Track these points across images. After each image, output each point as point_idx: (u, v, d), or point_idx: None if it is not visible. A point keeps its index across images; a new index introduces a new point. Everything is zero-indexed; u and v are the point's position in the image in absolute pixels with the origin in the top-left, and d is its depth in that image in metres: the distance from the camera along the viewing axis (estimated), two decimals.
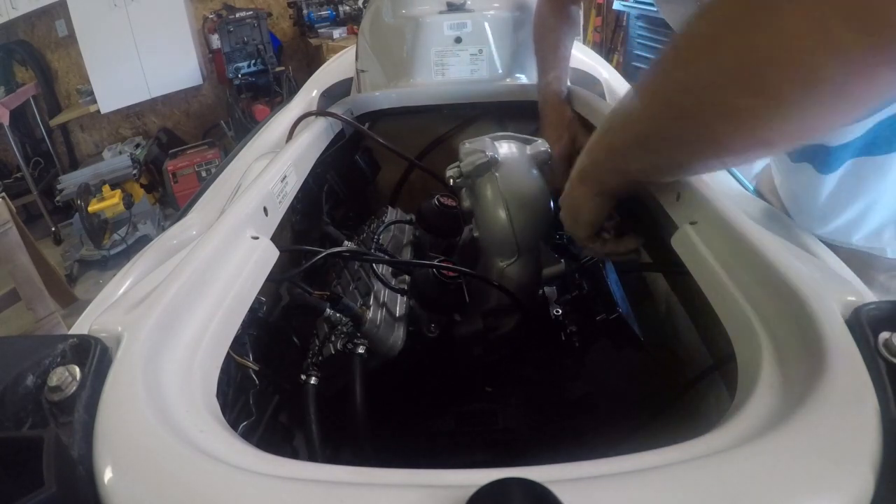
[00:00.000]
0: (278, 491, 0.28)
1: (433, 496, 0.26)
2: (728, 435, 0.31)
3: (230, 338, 0.46)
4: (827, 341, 0.34)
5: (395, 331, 0.65)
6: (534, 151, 0.74)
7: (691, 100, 0.41)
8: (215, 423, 0.34)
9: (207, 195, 0.90)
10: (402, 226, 0.86)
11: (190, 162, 3.50)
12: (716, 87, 0.39)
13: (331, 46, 3.55)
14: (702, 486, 0.27)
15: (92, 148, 4.18)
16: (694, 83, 0.41)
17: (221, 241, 0.52)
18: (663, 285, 0.80)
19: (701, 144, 0.44)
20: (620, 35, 3.98)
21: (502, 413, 0.70)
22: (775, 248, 0.43)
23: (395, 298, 0.69)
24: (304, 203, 0.87)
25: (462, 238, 0.86)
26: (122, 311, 0.41)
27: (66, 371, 0.33)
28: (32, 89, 3.78)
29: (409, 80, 1.15)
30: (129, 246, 3.07)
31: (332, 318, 0.62)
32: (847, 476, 0.27)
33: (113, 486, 0.29)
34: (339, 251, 0.71)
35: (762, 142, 0.41)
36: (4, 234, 2.06)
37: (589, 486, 0.27)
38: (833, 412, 0.30)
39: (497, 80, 1.15)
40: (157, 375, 0.36)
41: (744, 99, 0.37)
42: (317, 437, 0.53)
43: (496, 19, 1.14)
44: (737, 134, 0.41)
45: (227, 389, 0.54)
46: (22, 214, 3.36)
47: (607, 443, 0.63)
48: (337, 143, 0.96)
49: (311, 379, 0.58)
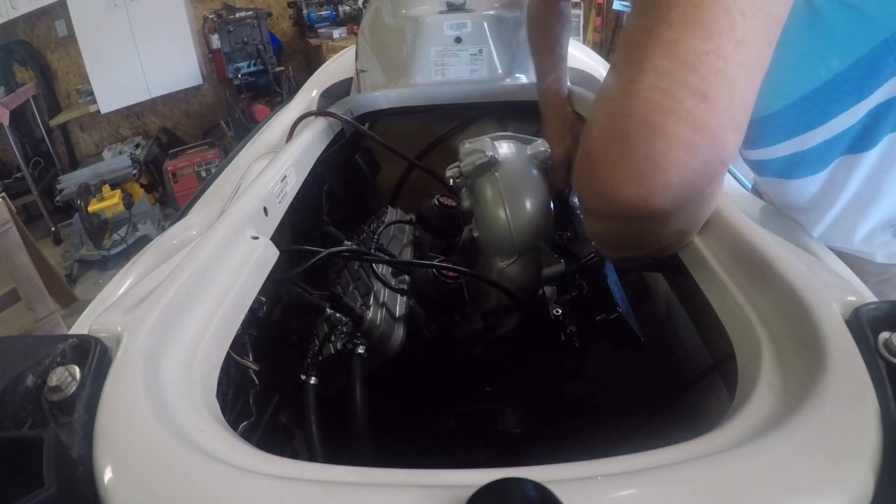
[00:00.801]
0: (278, 491, 0.28)
1: (433, 496, 0.26)
2: (728, 435, 0.31)
3: (230, 338, 0.46)
4: (827, 341, 0.34)
5: (394, 331, 0.65)
6: (534, 151, 0.74)
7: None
8: (215, 423, 0.34)
9: (207, 195, 0.90)
10: (402, 226, 0.86)
11: (190, 162, 3.50)
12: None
13: (331, 46, 3.55)
14: (702, 486, 0.27)
15: (92, 148, 4.17)
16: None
17: (221, 242, 0.52)
18: (663, 285, 0.80)
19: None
20: (620, 35, 3.98)
21: (502, 413, 0.70)
22: (775, 248, 0.43)
23: (395, 298, 0.69)
24: (304, 203, 0.87)
25: (462, 238, 0.86)
26: (122, 311, 0.41)
27: (66, 371, 0.33)
28: (32, 89, 3.78)
29: (409, 80, 1.15)
30: (129, 246, 3.07)
31: (332, 318, 0.62)
32: (847, 476, 0.27)
33: (113, 486, 0.29)
34: (339, 251, 0.71)
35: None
36: (4, 234, 2.06)
37: (589, 486, 0.27)
38: (833, 412, 0.30)
39: (497, 80, 1.15)
40: (157, 375, 0.36)
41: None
42: (317, 437, 0.53)
43: (496, 19, 1.14)
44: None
45: (227, 389, 0.53)
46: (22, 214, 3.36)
47: (607, 443, 0.62)
48: (337, 143, 0.96)
49: (311, 379, 0.58)
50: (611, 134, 0.41)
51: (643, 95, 0.38)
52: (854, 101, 0.57)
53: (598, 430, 0.69)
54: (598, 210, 0.47)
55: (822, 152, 0.62)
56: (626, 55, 0.41)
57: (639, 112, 0.38)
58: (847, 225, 0.65)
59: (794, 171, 0.65)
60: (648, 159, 0.38)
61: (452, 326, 0.71)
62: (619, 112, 0.40)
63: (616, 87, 0.41)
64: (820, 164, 0.63)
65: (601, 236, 0.53)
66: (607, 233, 0.51)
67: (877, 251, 0.66)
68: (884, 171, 0.60)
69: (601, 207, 0.45)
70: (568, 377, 0.75)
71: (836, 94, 0.57)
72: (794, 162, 0.64)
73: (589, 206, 0.48)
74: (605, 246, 0.57)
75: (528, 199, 0.70)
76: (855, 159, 0.61)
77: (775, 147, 0.65)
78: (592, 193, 0.44)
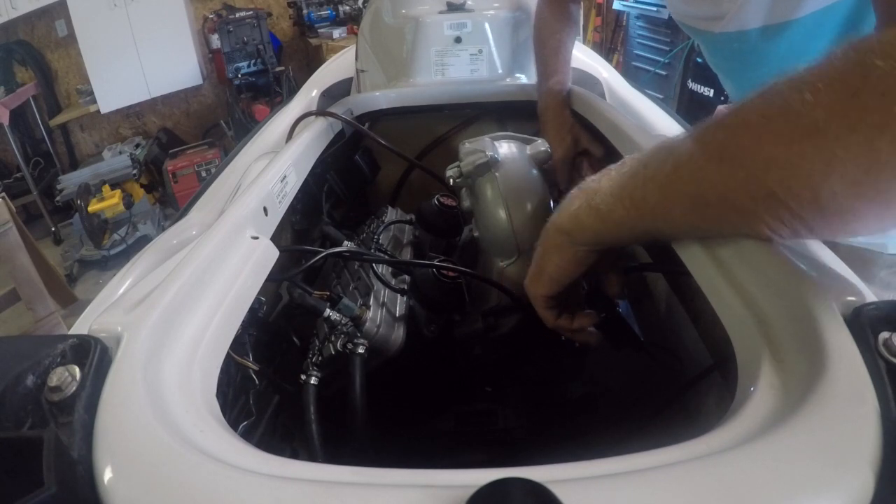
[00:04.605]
0: (278, 491, 0.28)
1: (433, 496, 0.26)
2: (728, 435, 0.31)
3: (230, 338, 0.46)
4: (827, 341, 0.34)
5: (395, 331, 0.65)
6: (534, 151, 0.74)
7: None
8: (215, 423, 0.34)
9: (207, 195, 0.90)
10: (402, 226, 0.86)
11: (190, 162, 3.50)
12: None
13: (331, 46, 3.55)
14: (702, 486, 0.27)
15: (92, 148, 4.18)
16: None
17: (221, 242, 0.52)
18: (663, 285, 0.80)
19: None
20: (620, 35, 3.98)
21: (502, 413, 0.70)
22: (775, 248, 0.43)
23: (395, 298, 0.69)
24: (304, 203, 0.87)
25: (462, 238, 0.86)
26: (122, 311, 0.41)
27: (66, 371, 0.33)
28: (32, 89, 3.78)
29: (409, 79, 1.15)
30: (129, 246, 3.07)
31: (332, 319, 0.62)
32: (847, 476, 0.27)
33: (113, 486, 0.28)
34: (339, 251, 0.71)
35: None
36: (4, 234, 2.06)
37: (589, 486, 0.27)
38: (833, 412, 0.30)
39: (497, 80, 1.15)
40: (157, 375, 0.36)
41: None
42: (317, 437, 0.53)
43: (496, 19, 1.14)
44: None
45: (227, 389, 0.53)
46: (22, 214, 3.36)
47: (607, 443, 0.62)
48: (337, 143, 0.96)
49: (311, 379, 0.58)
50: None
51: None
52: None
53: (598, 430, 0.69)
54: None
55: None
56: None
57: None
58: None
59: None
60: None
61: (452, 326, 0.71)
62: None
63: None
64: None
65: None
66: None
67: (889, 242, 0.65)
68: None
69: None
70: (568, 377, 0.75)
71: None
72: None
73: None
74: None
75: (529, 199, 0.70)
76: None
77: None
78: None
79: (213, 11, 3.98)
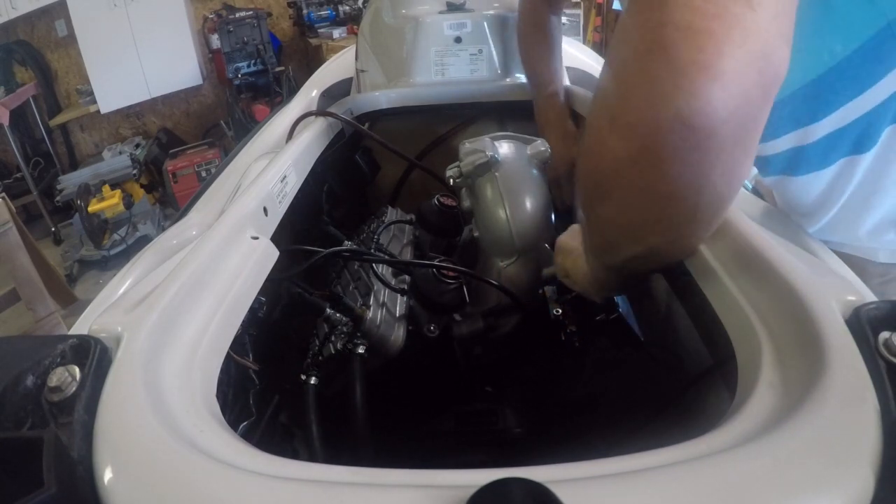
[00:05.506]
0: (278, 491, 0.28)
1: (433, 496, 0.26)
2: (728, 435, 0.31)
3: (230, 338, 0.46)
4: (827, 341, 0.34)
5: (395, 331, 0.65)
6: (534, 151, 0.74)
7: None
8: (215, 423, 0.34)
9: (207, 195, 0.90)
10: (402, 226, 0.86)
11: (190, 162, 3.50)
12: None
13: (331, 46, 3.55)
14: (702, 486, 0.27)
15: (92, 148, 4.17)
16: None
17: (221, 242, 0.52)
18: (663, 285, 0.80)
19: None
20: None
21: (502, 413, 0.70)
22: (775, 248, 0.43)
23: (395, 298, 0.69)
24: (304, 203, 0.87)
25: (462, 238, 0.86)
26: (122, 311, 0.41)
27: (66, 371, 0.33)
28: (32, 89, 3.78)
29: (409, 80, 1.15)
30: (129, 246, 3.07)
31: (332, 318, 0.62)
32: (847, 476, 0.27)
33: (113, 487, 0.28)
34: (340, 251, 0.71)
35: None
36: (4, 234, 2.06)
37: (589, 486, 0.27)
38: (833, 412, 0.30)
39: (497, 79, 1.15)
40: (157, 375, 0.36)
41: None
42: (317, 437, 0.53)
43: (496, 19, 1.14)
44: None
45: (227, 389, 0.53)
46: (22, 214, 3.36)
47: (607, 443, 0.62)
48: (337, 143, 0.96)
49: (311, 379, 0.58)
50: (646, 46, 0.35)
51: (681, 1, 0.34)
52: (858, 91, 0.55)
53: (599, 430, 0.69)
54: (629, 152, 0.37)
55: (826, 148, 0.61)
56: None
57: (680, 18, 0.34)
58: (851, 220, 0.64)
59: (798, 167, 0.64)
60: (697, 63, 0.33)
61: (452, 326, 0.71)
62: (654, 23, 0.35)
63: (646, 2, 0.36)
64: (824, 161, 0.62)
65: (614, 220, 0.43)
66: (628, 202, 0.41)
67: (880, 250, 0.65)
68: (885, 164, 0.59)
69: (635, 144, 0.36)
70: (568, 377, 0.75)
71: (840, 82, 0.56)
72: (797, 157, 0.63)
73: (617, 152, 0.38)
74: (617, 236, 0.46)
75: (528, 199, 0.70)
76: (859, 159, 0.60)
77: (778, 141, 0.64)
78: (625, 126, 0.37)
79: (213, 11, 3.98)
